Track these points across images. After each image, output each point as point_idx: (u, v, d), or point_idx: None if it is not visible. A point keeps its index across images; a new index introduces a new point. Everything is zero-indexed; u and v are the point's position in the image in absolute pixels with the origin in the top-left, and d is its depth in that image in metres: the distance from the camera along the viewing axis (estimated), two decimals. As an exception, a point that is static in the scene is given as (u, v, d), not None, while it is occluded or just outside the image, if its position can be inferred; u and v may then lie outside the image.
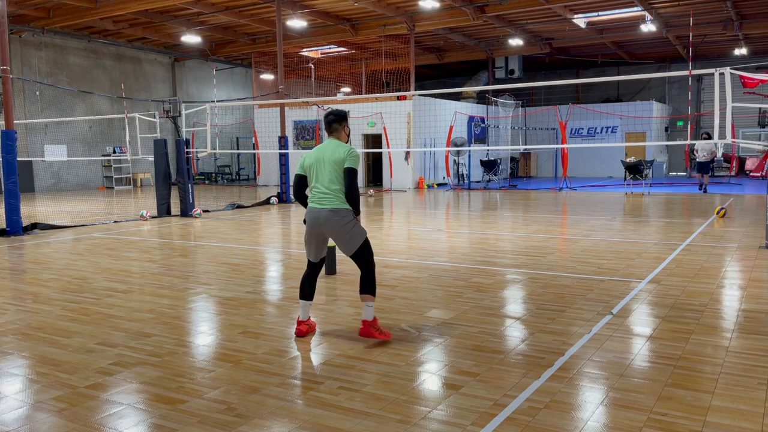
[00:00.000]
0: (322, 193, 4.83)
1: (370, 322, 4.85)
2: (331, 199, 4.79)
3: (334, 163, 4.79)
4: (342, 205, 4.78)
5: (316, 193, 4.87)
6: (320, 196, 4.83)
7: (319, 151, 4.92)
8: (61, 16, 21.21)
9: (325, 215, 4.79)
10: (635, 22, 22.24)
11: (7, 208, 11.34)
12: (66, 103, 24.45)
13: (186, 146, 14.81)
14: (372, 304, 4.86)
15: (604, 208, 15.22)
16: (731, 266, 7.65)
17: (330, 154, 4.83)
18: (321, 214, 4.81)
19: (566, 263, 8.00)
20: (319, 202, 4.83)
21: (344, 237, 4.82)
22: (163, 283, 7.17)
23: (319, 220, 4.83)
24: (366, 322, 4.86)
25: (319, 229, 4.88)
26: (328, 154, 4.84)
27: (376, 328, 4.86)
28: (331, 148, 4.87)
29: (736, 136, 25.86)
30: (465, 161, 24.45)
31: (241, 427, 3.42)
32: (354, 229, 4.81)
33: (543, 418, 3.47)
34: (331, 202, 4.78)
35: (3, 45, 11.29)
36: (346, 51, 27.05)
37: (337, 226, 4.78)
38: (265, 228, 12.65)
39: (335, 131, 4.99)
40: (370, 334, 4.84)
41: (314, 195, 4.89)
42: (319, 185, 4.85)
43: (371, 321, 4.85)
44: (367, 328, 4.85)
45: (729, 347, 4.60)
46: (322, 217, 4.81)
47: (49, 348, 4.81)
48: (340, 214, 4.77)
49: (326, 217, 4.79)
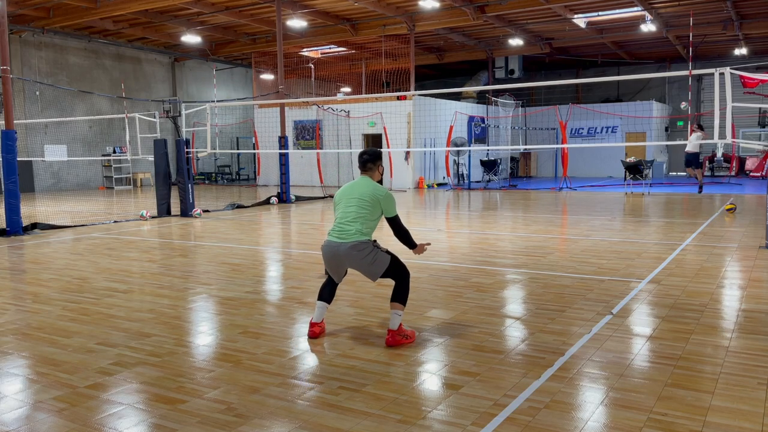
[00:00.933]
0: (342, 228, 4.83)
1: (396, 330, 4.76)
2: (350, 233, 4.78)
3: (363, 199, 4.82)
4: (360, 238, 4.77)
5: (338, 226, 4.87)
6: (341, 230, 4.83)
7: (350, 188, 4.98)
8: (61, 16, 21.21)
9: (345, 250, 4.78)
10: (635, 22, 22.24)
11: (7, 208, 11.34)
12: (66, 103, 24.45)
13: (186, 146, 14.81)
14: (401, 313, 4.78)
15: (604, 208, 15.22)
16: (731, 266, 7.65)
17: (361, 190, 4.87)
18: (340, 248, 4.80)
19: (566, 263, 8.00)
20: (338, 236, 4.83)
21: (367, 267, 4.82)
22: (163, 283, 7.17)
23: (339, 254, 4.83)
24: (391, 332, 4.77)
25: (338, 261, 4.88)
26: (358, 191, 4.88)
27: (401, 335, 4.79)
28: (362, 185, 4.92)
29: (736, 136, 25.85)
30: (465, 161, 24.45)
31: (241, 427, 3.42)
32: (376, 256, 4.79)
33: (543, 418, 3.47)
34: (351, 237, 4.77)
35: (3, 45, 11.29)
36: (346, 51, 27.05)
37: (357, 260, 4.79)
38: (265, 228, 12.65)
39: (369, 170, 5.03)
40: (396, 342, 4.75)
41: (335, 228, 4.89)
42: (343, 220, 4.85)
43: (396, 330, 4.77)
44: (394, 337, 4.75)
45: (729, 347, 4.60)
46: (342, 251, 4.80)
47: (49, 348, 4.81)
48: (359, 248, 4.76)
49: (346, 252, 4.78)
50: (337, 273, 5.00)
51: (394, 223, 4.90)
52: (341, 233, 4.82)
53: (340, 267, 4.94)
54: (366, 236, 4.80)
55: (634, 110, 26.22)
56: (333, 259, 4.89)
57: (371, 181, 4.97)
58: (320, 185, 22.95)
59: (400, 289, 4.82)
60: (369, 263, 4.78)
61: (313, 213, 15.26)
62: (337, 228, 4.88)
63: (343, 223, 4.84)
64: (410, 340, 4.83)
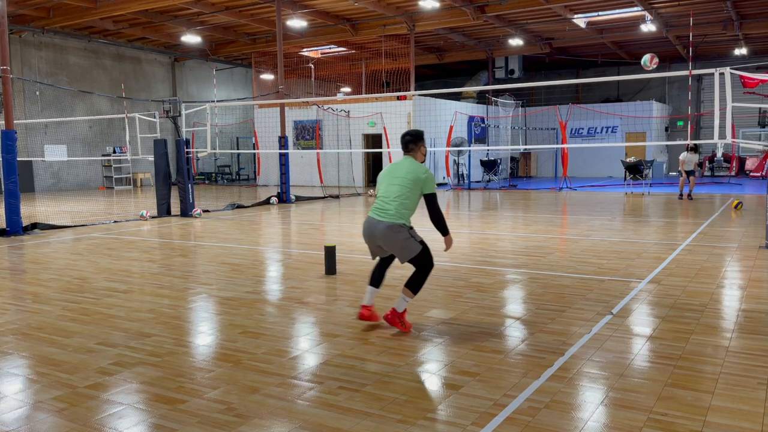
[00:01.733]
0: (383, 206, 4.97)
1: (399, 313, 5.01)
2: (390, 213, 4.91)
3: (405, 178, 4.93)
4: (398, 220, 4.90)
5: (379, 204, 5.02)
6: (381, 208, 4.98)
7: (393, 167, 5.08)
8: (61, 16, 21.21)
9: (381, 230, 4.93)
10: (635, 22, 22.24)
11: (7, 208, 11.34)
12: (66, 103, 24.45)
13: (186, 146, 14.81)
14: (408, 299, 5.01)
15: (604, 208, 15.22)
16: (731, 266, 7.65)
17: (404, 170, 4.98)
18: (378, 227, 4.94)
19: (566, 263, 8.00)
20: (378, 214, 4.98)
21: (398, 249, 4.97)
22: (163, 283, 7.17)
23: (375, 233, 4.98)
24: (394, 311, 5.02)
25: (374, 239, 5.04)
26: (401, 171, 4.99)
27: (400, 320, 5.02)
28: (405, 165, 5.02)
29: (736, 136, 25.85)
30: (465, 161, 24.45)
31: (241, 427, 3.42)
32: (407, 241, 4.93)
33: (543, 418, 3.47)
34: (390, 217, 4.90)
35: (3, 45, 11.29)
36: (346, 51, 27.05)
37: (391, 240, 4.93)
38: (265, 228, 12.65)
39: (411, 151, 5.10)
40: (393, 322, 5.02)
41: (376, 205, 5.04)
42: (384, 197, 5.00)
43: (400, 312, 5.01)
44: (393, 317, 5.01)
45: (729, 347, 4.60)
46: (378, 230, 4.95)
47: (49, 348, 4.81)
48: (394, 230, 4.90)
49: (382, 232, 4.93)
50: (375, 250, 5.16)
51: (431, 201, 4.97)
52: (381, 211, 4.96)
53: (375, 244, 5.08)
54: (403, 219, 4.92)
55: (634, 110, 26.23)
56: (369, 235, 5.05)
57: (414, 161, 5.05)
58: (320, 185, 22.95)
59: (418, 277, 5.00)
60: (401, 246, 4.93)
61: (313, 213, 15.26)
62: (377, 206, 5.02)
63: (384, 201, 4.98)
64: (405, 329, 5.04)
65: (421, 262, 5.00)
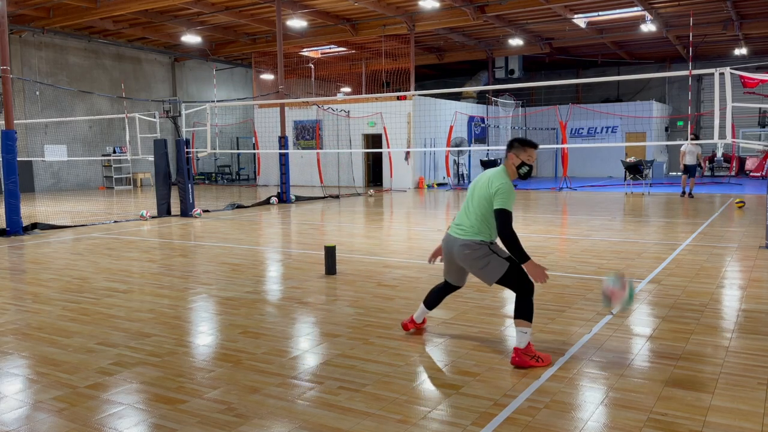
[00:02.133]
0: (460, 221, 4.49)
1: (523, 350, 4.24)
2: (465, 230, 4.41)
3: (482, 188, 4.37)
4: (474, 237, 4.36)
5: (458, 217, 4.55)
6: (458, 223, 4.51)
7: (481, 176, 4.51)
8: (61, 16, 21.21)
9: (457, 249, 4.44)
10: (635, 22, 22.24)
11: (7, 208, 11.34)
12: (66, 103, 24.45)
13: (186, 146, 14.81)
14: (527, 330, 4.25)
15: (604, 208, 15.22)
16: (731, 266, 7.65)
17: (485, 179, 4.40)
18: (454, 245, 4.46)
19: (566, 263, 8.00)
20: (455, 228, 4.51)
21: (478, 270, 4.41)
22: (163, 283, 7.17)
23: (452, 251, 4.52)
24: (517, 350, 4.26)
25: (451, 258, 4.59)
26: (483, 179, 4.42)
27: (531, 355, 4.24)
28: (489, 174, 4.42)
29: (736, 136, 25.85)
30: (465, 161, 24.45)
31: (241, 427, 3.42)
32: (488, 259, 4.34)
33: (543, 418, 3.47)
34: (465, 234, 4.40)
35: (3, 45, 11.29)
36: (346, 51, 27.05)
37: (469, 260, 4.40)
38: (265, 228, 12.65)
39: (505, 158, 4.45)
40: (524, 363, 4.21)
41: (455, 219, 4.58)
42: (464, 210, 4.50)
43: (524, 348, 4.25)
44: (521, 357, 4.23)
45: (729, 347, 4.60)
46: (454, 249, 4.48)
47: (49, 348, 4.81)
48: (471, 248, 4.37)
49: (458, 251, 4.44)
50: (450, 270, 4.68)
51: (499, 217, 4.22)
52: (457, 227, 4.48)
53: (453, 264, 4.61)
54: (482, 236, 4.36)
55: (634, 110, 26.22)
56: (447, 254, 4.60)
57: (501, 171, 4.38)
58: (320, 185, 22.94)
59: (521, 303, 4.29)
60: (480, 267, 4.36)
61: (313, 213, 15.26)
62: (456, 220, 4.54)
63: (461, 215, 4.50)
64: (543, 363, 4.23)
65: (516, 284, 4.31)
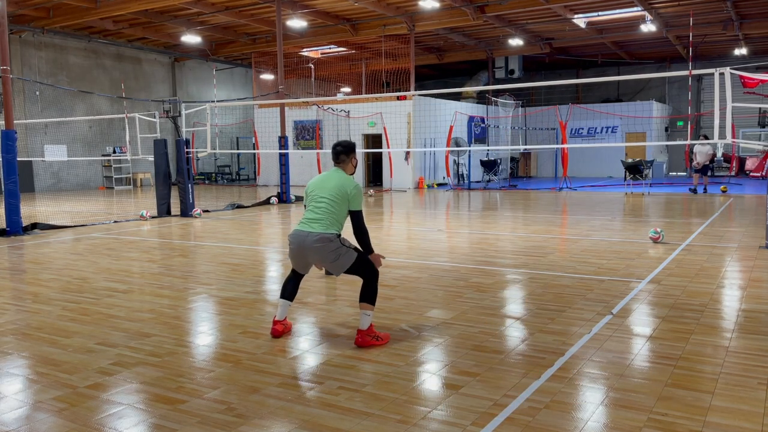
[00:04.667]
0: (313, 217, 4.78)
1: (365, 330, 4.72)
2: (321, 224, 4.73)
3: (333, 192, 4.77)
4: (329, 230, 4.72)
5: (308, 215, 4.83)
6: (311, 219, 4.79)
7: (322, 180, 4.92)
8: (61, 16, 21.21)
9: (311, 242, 4.72)
10: (635, 22, 22.24)
11: (7, 208, 11.33)
12: (66, 103, 24.45)
13: (186, 146, 14.81)
14: (370, 313, 4.73)
15: (604, 208, 15.22)
16: (731, 266, 7.65)
17: (333, 182, 4.83)
18: (308, 239, 4.74)
19: (566, 263, 8.00)
20: (308, 224, 4.78)
21: (330, 262, 4.78)
22: (163, 283, 7.17)
23: (305, 245, 4.77)
24: (360, 332, 4.73)
25: (304, 253, 4.83)
26: (330, 183, 4.83)
27: (372, 335, 4.74)
28: (335, 177, 4.87)
29: (736, 136, 25.84)
30: (465, 161, 24.45)
31: (241, 427, 3.42)
32: (339, 251, 4.72)
33: (543, 418, 3.47)
34: (321, 227, 4.72)
35: (3, 45, 11.29)
36: (346, 51, 27.04)
37: (322, 253, 4.74)
38: (265, 228, 12.65)
39: (342, 162, 4.95)
40: (366, 342, 4.70)
41: (306, 216, 4.86)
42: (313, 209, 4.81)
43: (366, 330, 4.73)
44: (363, 338, 4.71)
45: (729, 347, 4.60)
46: (308, 242, 4.74)
47: (49, 348, 4.81)
48: (324, 241, 4.70)
49: (311, 245, 4.73)
50: (301, 264, 4.96)
51: (356, 218, 4.78)
52: (311, 222, 4.77)
53: (304, 258, 4.88)
54: (334, 230, 4.74)
55: (634, 110, 26.21)
56: (298, 249, 4.84)
57: (343, 173, 4.91)
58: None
59: (368, 288, 4.75)
60: (334, 258, 4.73)
61: (313, 213, 15.24)
62: (307, 216, 4.83)
63: (313, 212, 4.80)
64: (382, 342, 4.75)
65: (363, 272, 4.77)
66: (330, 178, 4.89)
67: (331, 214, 4.75)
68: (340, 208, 4.77)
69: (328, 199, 4.77)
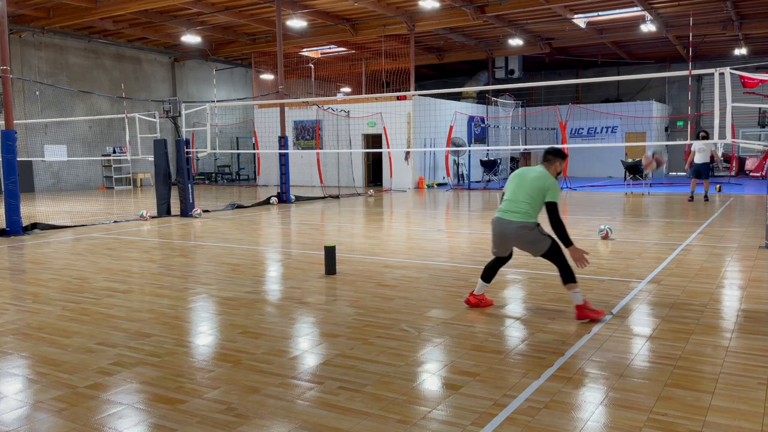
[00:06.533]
0: (513, 208, 5.34)
1: (582, 305, 5.25)
2: (520, 214, 5.30)
3: (532, 184, 5.32)
4: (528, 219, 5.29)
5: (508, 204, 5.40)
6: (510, 209, 5.36)
7: (526, 171, 5.51)
8: (61, 16, 21.20)
9: (513, 230, 5.34)
10: (635, 22, 22.24)
11: (7, 208, 11.33)
12: (66, 103, 24.44)
13: (186, 146, 14.81)
14: (578, 290, 5.26)
15: (604, 208, 15.21)
16: (731, 266, 7.65)
17: (534, 175, 5.37)
18: (509, 227, 5.36)
19: (566, 263, 7.99)
20: (507, 214, 5.37)
21: (529, 246, 5.38)
22: (163, 283, 7.17)
23: (506, 232, 5.41)
24: (579, 307, 5.26)
25: (505, 240, 5.47)
26: (532, 175, 5.39)
27: (588, 309, 5.26)
28: (537, 171, 5.41)
29: (736, 136, 25.84)
30: (465, 161, 24.45)
31: (241, 427, 3.42)
32: (537, 237, 5.31)
33: (543, 418, 3.47)
34: (520, 217, 5.30)
35: (3, 45, 11.29)
36: (346, 51, 27.04)
37: (522, 238, 5.34)
38: (265, 228, 12.65)
39: (547, 161, 5.46)
40: (584, 315, 5.24)
41: (505, 205, 5.43)
42: (513, 199, 5.38)
43: (582, 304, 5.26)
44: (582, 311, 5.24)
45: (729, 347, 4.60)
46: (509, 230, 5.37)
47: (49, 348, 4.81)
48: (527, 228, 5.29)
49: (513, 231, 5.34)
50: (502, 248, 5.58)
51: (552, 209, 5.25)
52: (510, 212, 5.34)
53: (506, 243, 5.51)
54: (533, 218, 5.30)
55: (634, 110, 26.22)
56: (500, 234, 5.46)
57: (546, 171, 5.40)
58: (320, 185, 22.94)
59: (563, 270, 5.30)
60: (533, 243, 5.32)
61: (313, 213, 15.26)
62: (506, 207, 5.40)
63: (513, 202, 5.36)
64: (599, 314, 5.26)
65: (555, 258, 5.31)
66: (533, 170, 5.44)
67: (530, 204, 5.30)
68: (538, 197, 5.29)
69: (528, 188, 5.33)
